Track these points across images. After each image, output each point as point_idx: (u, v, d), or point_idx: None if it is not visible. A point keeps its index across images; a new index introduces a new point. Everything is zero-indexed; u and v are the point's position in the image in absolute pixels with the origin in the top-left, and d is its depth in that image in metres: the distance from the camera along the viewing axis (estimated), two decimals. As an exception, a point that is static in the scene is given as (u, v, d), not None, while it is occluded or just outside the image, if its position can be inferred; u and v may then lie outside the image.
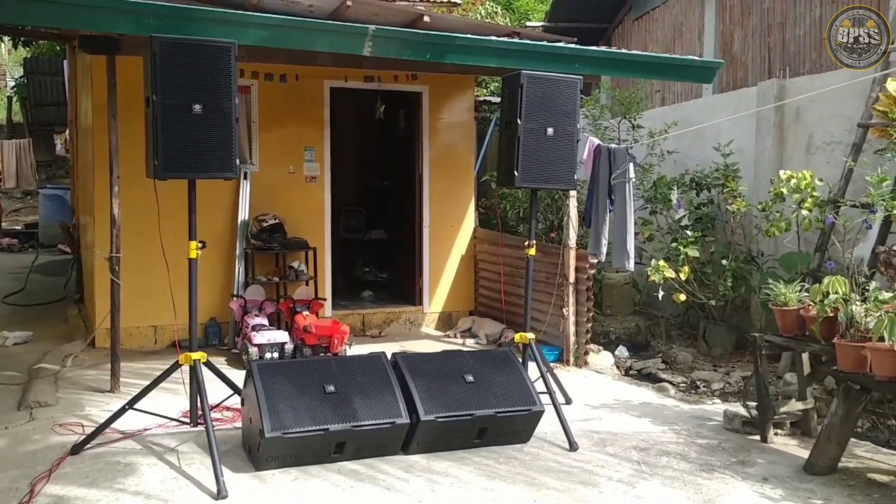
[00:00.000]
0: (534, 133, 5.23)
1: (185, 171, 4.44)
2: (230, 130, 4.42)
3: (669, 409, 6.04)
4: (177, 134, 4.30)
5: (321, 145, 7.92)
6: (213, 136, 4.37)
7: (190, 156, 4.36)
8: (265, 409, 4.35)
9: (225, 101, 4.40)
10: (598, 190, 6.22)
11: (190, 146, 4.34)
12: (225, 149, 4.42)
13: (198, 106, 4.30)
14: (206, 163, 4.41)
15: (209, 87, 4.34)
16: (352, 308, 8.37)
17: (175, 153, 4.32)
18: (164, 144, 4.28)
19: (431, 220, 8.40)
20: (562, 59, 5.97)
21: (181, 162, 4.36)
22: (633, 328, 8.35)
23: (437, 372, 4.96)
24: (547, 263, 7.41)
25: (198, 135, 4.34)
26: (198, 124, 4.33)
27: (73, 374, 6.32)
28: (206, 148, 4.37)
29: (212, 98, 4.35)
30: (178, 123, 4.29)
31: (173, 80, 4.27)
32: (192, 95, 4.30)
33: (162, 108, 4.26)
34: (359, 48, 5.34)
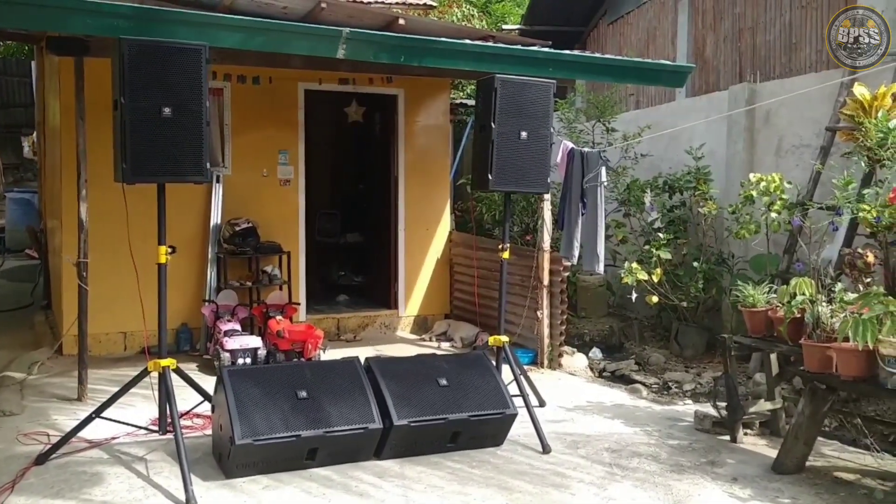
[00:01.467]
0: (507, 137, 5.19)
1: (155, 176, 4.33)
2: (200, 134, 4.32)
3: (642, 410, 6.03)
4: (145, 137, 4.19)
5: (295, 148, 7.81)
6: (182, 140, 4.27)
7: (159, 160, 4.25)
8: (236, 415, 4.27)
9: (195, 105, 4.29)
10: (570, 193, 6.20)
11: (159, 150, 4.23)
12: (195, 152, 4.32)
13: (167, 109, 4.20)
14: (176, 167, 4.31)
15: (179, 90, 4.24)
16: (327, 312, 8.28)
17: (144, 157, 4.21)
18: (133, 148, 4.17)
19: (407, 223, 8.34)
20: (536, 63, 5.94)
21: (150, 166, 4.25)
22: (607, 330, 8.35)
23: (410, 376, 4.90)
24: (521, 266, 7.38)
25: (167, 138, 4.23)
26: (167, 128, 4.22)
27: (39, 383, 6.17)
28: (175, 152, 4.27)
29: (182, 101, 4.25)
30: (146, 127, 4.18)
31: (142, 82, 4.16)
32: (162, 98, 4.20)
33: (130, 111, 4.15)
34: (333, 51, 5.28)
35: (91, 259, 6.94)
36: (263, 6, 6.27)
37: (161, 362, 4.57)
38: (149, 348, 7.13)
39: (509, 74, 5.28)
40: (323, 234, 9.82)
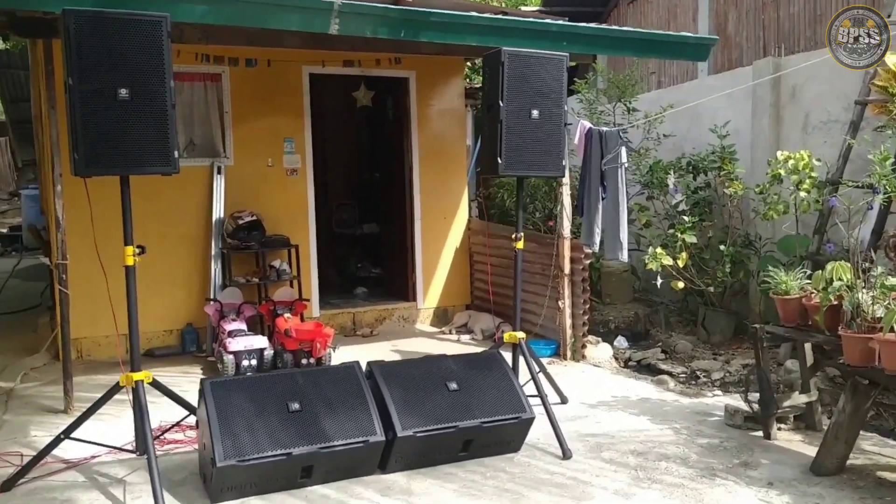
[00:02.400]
0: (517, 116, 4.60)
1: (112, 167, 3.74)
2: (165, 118, 3.73)
3: (669, 404, 5.44)
4: (99, 124, 3.62)
5: (302, 136, 7.24)
6: (144, 126, 3.69)
7: (116, 149, 3.67)
8: (217, 433, 3.73)
9: (156, 85, 3.70)
10: (590, 176, 5.60)
11: (116, 138, 3.65)
12: (160, 140, 3.74)
13: (124, 91, 3.62)
14: (138, 157, 3.73)
15: (137, 68, 3.65)
16: (342, 307, 7.75)
17: (98, 146, 3.64)
18: (85, 136, 3.60)
19: (423, 212, 7.78)
20: (548, 36, 5.36)
21: (106, 156, 3.67)
22: (632, 317, 7.76)
23: (416, 381, 4.34)
24: (542, 254, 6.82)
25: (126, 124, 3.66)
26: (125, 112, 3.64)
27: (29, 392, 5.68)
28: (136, 139, 3.69)
29: (141, 82, 3.67)
30: (100, 111, 3.61)
31: (92, 61, 3.58)
32: (117, 79, 3.62)
33: (80, 93, 3.57)
34: (324, 26, 4.73)
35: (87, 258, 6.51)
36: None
37: (134, 375, 4.03)
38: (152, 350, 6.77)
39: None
40: (340, 225, 9.32)
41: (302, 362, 6.04)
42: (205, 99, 6.95)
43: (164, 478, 4.10)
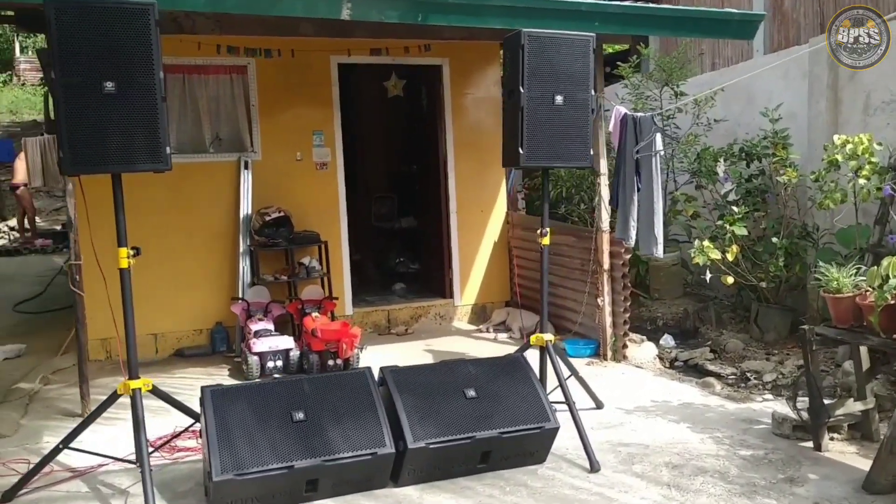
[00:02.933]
0: (539, 102, 4.25)
1: (99, 165, 3.54)
2: (155, 112, 3.52)
3: (713, 409, 5.02)
4: (85, 119, 3.42)
5: (331, 128, 6.98)
6: (132, 121, 3.49)
7: (103, 146, 3.47)
8: (215, 446, 3.51)
9: (145, 77, 3.49)
10: (624, 166, 5.19)
11: (103, 134, 3.45)
12: (150, 135, 3.52)
13: (110, 84, 3.42)
14: (127, 153, 3.52)
15: (124, 60, 3.45)
16: (377, 304, 7.49)
17: (85, 143, 3.44)
18: (70, 133, 3.41)
19: (459, 205, 7.45)
20: (578, 16, 4.97)
21: (93, 154, 3.47)
22: (682, 313, 7.29)
23: (432, 388, 4.05)
24: (580, 249, 6.43)
25: (113, 119, 3.45)
26: (112, 106, 3.44)
27: (51, 394, 5.58)
28: (124, 135, 3.49)
29: (128, 74, 3.46)
30: (85, 106, 3.41)
31: (75, 52, 3.39)
32: (102, 71, 3.42)
33: (63, 87, 3.38)
34: (336, 11, 4.46)
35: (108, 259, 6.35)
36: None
37: (131, 384, 3.83)
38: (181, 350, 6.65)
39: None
40: (378, 219, 9.08)
41: (328, 364, 5.84)
42: (231, 92, 6.78)
43: (167, 489, 3.96)
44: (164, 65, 6.33)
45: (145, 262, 6.36)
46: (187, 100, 6.68)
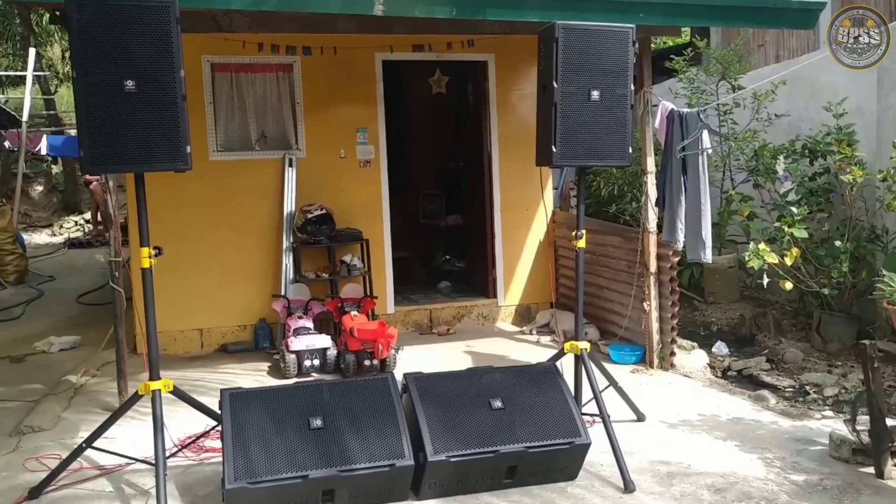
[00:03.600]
0: (574, 98, 3.97)
1: (119, 164, 3.45)
2: (175, 111, 3.41)
3: (765, 426, 4.63)
4: (105, 118, 3.33)
5: (375, 125, 6.81)
6: (153, 120, 3.38)
7: (123, 144, 3.37)
8: (230, 452, 3.38)
9: (165, 75, 3.38)
10: (671, 165, 4.84)
11: (123, 133, 3.35)
12: (170, 134, 3.41)
13: (130, 82, 3.31)
14: (147, 152, 3.41)
15: (144, 58, 3.34)
16: (420, 303, 7.29)
17: (105, 141, 3.35)
18: (90, 132, 3.32)
19: (503, 203, 7.18)
20: (620, 6, 4.64)
21: (113, 152, 3.37)
22: (737, 319, 6.86)
23: (456, 397, 3.82)
24: (627, 250, 6.08)
25: (133, 118, 3.35)
26: (132, 105, 3.34)
27: (96, 387, 5.58)
28: (144, 134, 3.38)
29: (148, 72, 3.35)
30: (105, 105, 3.32)
31: (96, 51, 3.30)
32: (123, 70, 3.32)
33: (83, 86, 3.29)
34: (368, 7, 4.26)
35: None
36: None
37: (151, 384, 3.72)
38: (225, 345, 6.59)
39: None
40: (426, 216, 8.88)
41: (364, 364, 5.67)
42: (277, 90, 6.68)
43: (188, 491, 3.85)
44: (214, 63, 6.45)
45: (193, 258, 6.44)
46: (234, 98, 6.61)
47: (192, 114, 6.32)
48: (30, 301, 9.08)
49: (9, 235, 10.31)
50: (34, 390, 5.59)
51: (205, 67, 6.47)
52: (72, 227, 16.75)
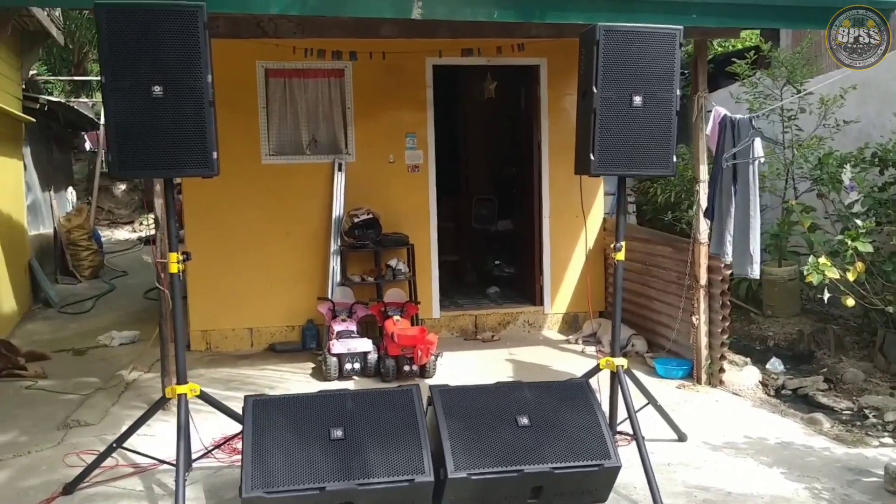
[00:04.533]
0: (614, 104, 3.71)
1: (148, 169, 3.39)
2: (202, 116, 3.30)
3: (815, 453, 4.26)
4: (132, 123, 3.27)
5: (424, 130, 6.64)
6: (180, 125, 3.30)
7: (151, 149, 3.30)
8: (248, 459, 3.27)
9: (193, 80, 3.28)
10: (721, 174, 4.50)
11: (150, 137, 3.28)
12: (198, 140, 3.31)
13: (158, 88, 3.24)
14: (174, 158, 3.32)
15: (172, 64, 3.26)
16: (466, 308, 7.08)
17: (133, 146, 3.29)
18: (118, 136, 3.26)
19: (552, 209, 6.90)
20: (671, 7, 4.33)
21: (140, 157, 3.31)
22: (796, 334, 6.42)
23: (482, 412, 3.61)
24: (678, 261, 5.74)
25: (160, 123, 3.28)
26: (159, 110, 3.26)
27: (148, 383, 5.56)
28: (171, 139, 3.30)
29: (176, 77, 3.27)
30: (133, 110, 3.26)
31: (124, 57, 3.24)
32: (151, 75, 3.24)
33: (112, 91, 3.23)
34: (406, 11, 4.09)
35: (212, 254, 6.38)
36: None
37: (178, 388, 3.64)
38: (274, 345, 6.55)
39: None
40: (478, 221, 8.67)
41: (404, 369, 5.51)
42: (329, 95, 6.59)
43: (214, 494, 3.78)
44: (267, 69, 6.40)
45: (244, 259, 6.43)
46: (287, 103, 6.56)
47: (246, 118, 6.41)
48: (100, 295, 9.28)
49: (85, 232, 10.58)
50: (89, 383, 5.65)
51: (259, 73, 6.43)
52: (152, 225, 17.22)
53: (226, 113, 6.23)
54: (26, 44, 8.78)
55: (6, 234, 7.67)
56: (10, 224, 7.94)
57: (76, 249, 10.37)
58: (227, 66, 6.27)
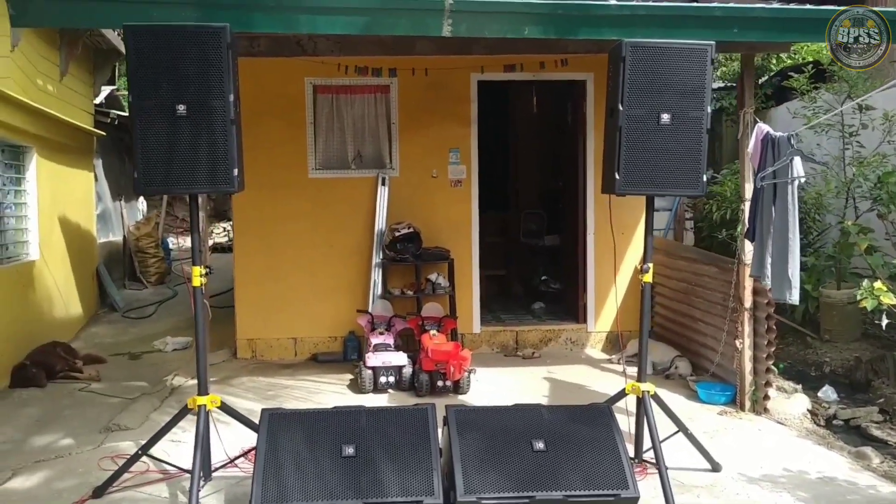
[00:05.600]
0: (641, 122, 3.58)
1: (170, 186, 3.43)
2: (225, 135, 3.33)
3: (860, 491, 3.96)
4: (157, 141, 3.32)
5: (468, 145, 6.58)
6: (203, 143, 3.33)
7: (175, 167, 3.34)
8: (259, 473, 3.26)
9: (217, 100, 3.31)
10: (762, 193, 4.27)
11: (174, 155, 3.32)
12: (220, 157, 3.34)
13: (182, 107, 3.28)
14: (196, 175, 3.36)
15: (196, 83, 3.30)
16: (508, 324, 6.94)
17: (157, 164, 3.34)
18: (143, 154, 3.32)
19: (597, 225, 6.72)
20: (710, 22, 4.15)
21: (164, 174, 3.35)
22: (853, 361, 6.04)
23: (497, 435, 3.51)
24: (722, 282, 5.48)
25: (184, 141, 3.31)
26: (183, 129, 3.31)
27: (190, 391, 5.57)
28: (194, 157, 3.33)
29: (200, 96, 3.31)
30: (158, 128, 3.31)
31: (151, 76, 3.30)
32: (175, 94, 3.29)
33: (138, 110, 3.29)
34: (435, 28, 4.03)
35: (259, 265, 6.47)
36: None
37: (198, 399, 3.66)
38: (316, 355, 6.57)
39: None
40: (526, 235, 8.52)
41: (437, 384, 5.44)
42: (374, 111, 6.60)
43: (234, 504, 3.76)
44: (316, 85, 6.47)
45: (290, 270, 6.50)
46: (334, 118, 6.62)
47: (295, 133, 6.48)
48: (162, 301, 9.53)
49: (153, 240, 10.92)
50: (137, 388, 5.77)
51: (307, 89, 6.50)
52: (220, 233, 17.67)
53: (276, 128, 6.41)
54: (99, 61, 9.14)
55: (75, 241, 7.98)
56: (79, 232, 8.25)
57: (143, 257, 10.72)
58: (278, 83, 6.40)
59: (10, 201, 6.43)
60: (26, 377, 5.73)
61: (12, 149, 6.49)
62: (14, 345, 5.97)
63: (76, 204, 8.22)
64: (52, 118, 6.97)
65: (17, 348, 5.98)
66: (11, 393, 5.57)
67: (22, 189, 6.69)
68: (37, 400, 5.46)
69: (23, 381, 5.70)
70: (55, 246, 7.31)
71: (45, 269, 6.88)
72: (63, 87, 7.68)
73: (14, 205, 6.53)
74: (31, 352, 6.04)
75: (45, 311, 6.85)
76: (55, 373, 5.93)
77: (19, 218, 6.61)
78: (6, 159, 6.35)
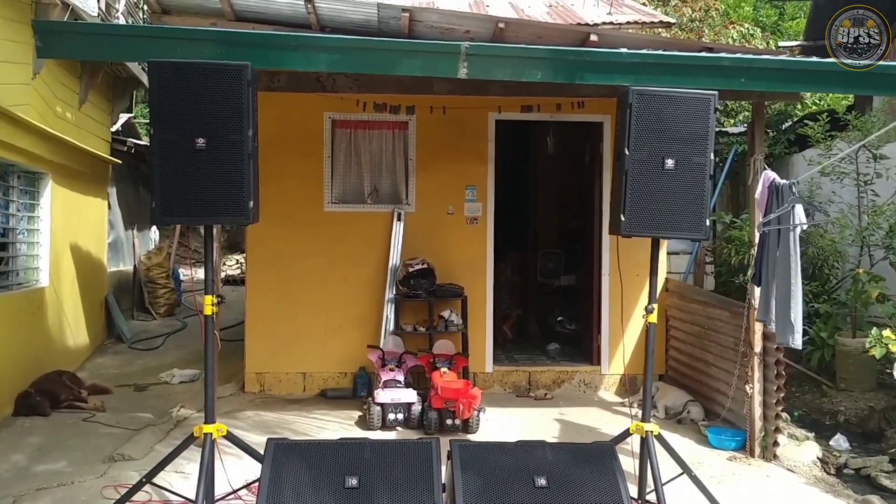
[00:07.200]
0: (645, 166, 3.84)
1: (187, 216, 3.71)
2: (241, 168, 3.60)
3: (866, 543, 4.14)
4: (176, 173, 3.59)
5: (484, 183, 6.89)
6: (220, 175, 3.60)
7: (192, 198, 3.61)
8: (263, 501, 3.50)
9: (235, 134, 3.59)
10: (768, 239, 4.52)
11: (192, 187, 3.60)
12: (235, 189, 3.61)
13: (201, 140, 3.56)
14: (213, 206, 3.62)
15: (215, 117, 3.58)
16: (521, 364, 7.17)
17: (175, 195, 3.61)
18: (162, 185, 3.60)
19: (611, 266, 6.97)
20: (717, 71, 4.47)
21: (181, 205, 3.62)
22: (867, 410, 6.20)
23: (500, 471, 3.70)
24: (734, 326, 5.70)
25: (201, 173, 3.59)
26: (201, 161, 3.58)
27: (195, 422, 5.78)
28: (211, 189, 3.60)
29: (219, 131, 3.59)
30: (177, 161, 3.58)
31: (172, 110, 3.58)
32: (195, 128, 3.57)
33: (159, 143, 3.58)
34: (453, 70, 4.37)
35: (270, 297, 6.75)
36: (445, 32, 5.60)
37: (205, 428, 3.90)
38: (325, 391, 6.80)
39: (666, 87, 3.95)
40: (544, 275, 8.78)
41: (446, 423, 5.67)
42: (392, 147, 6.95)
43: (237, 534, 3.97)
44: (334, 120, 6.83)
45: (302, 305, 6.77)
46: (352, 153, 6.94)
47: (312, 166, 6.81)
48: (171, 333, 9.81)
49: (164, 270, 11.27)
50: (142, 419, 5.99)
51: (326, 123, 6.84)
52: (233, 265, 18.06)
53: (293, 161, 6.72)
54: (118, 89, 9.56)
55: (86, 269, 8.27)
56: (90, 260, 8.56)
57: (153, 287, 11.05)
58: (297, 117, 6.75)
59: (22, 227, 6.68)
60: (31, 405, 5.94)
61: (28, 175, 6.77)
62: (20, 372, 6.17)
63: (88, 232, 8.53)
64: (70, 145, 7.27)
65: (22, 375, 6.18)
66: (15, 421, 5.79)
67: (35, 215, 6.96)
68: (40, 429, 5.67)
69: (27, 410, 5.91)
70: (65, 274, 7.58)
71: (54, 297, 7.13)
72: (81, 115, 8.03)
73: (27, 231, 6.78)
74: (36, 380, 6.26)
75: (52, 339, 7.09)
76: (60, 402, 6.13)
77: (31, 244, 6.85)
78: (22, 185, 6.63)
